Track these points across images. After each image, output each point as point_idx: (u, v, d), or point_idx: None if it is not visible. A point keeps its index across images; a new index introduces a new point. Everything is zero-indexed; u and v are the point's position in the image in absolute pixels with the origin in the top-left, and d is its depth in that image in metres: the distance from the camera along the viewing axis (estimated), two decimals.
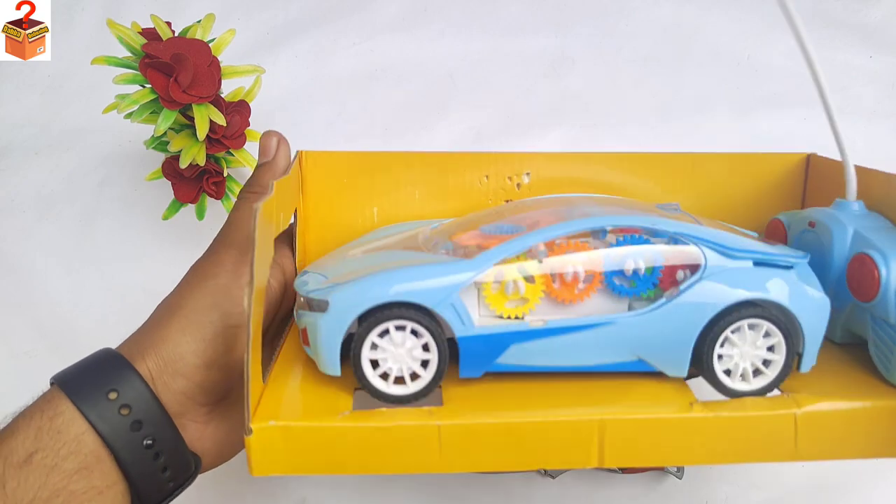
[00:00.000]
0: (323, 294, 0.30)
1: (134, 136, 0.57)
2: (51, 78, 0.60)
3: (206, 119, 0.43)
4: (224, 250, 0.31)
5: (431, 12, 0.65)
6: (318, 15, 0.64)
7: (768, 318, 0.30)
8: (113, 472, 0.26)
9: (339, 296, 0.29)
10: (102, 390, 0.27)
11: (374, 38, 0.63)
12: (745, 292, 0.29)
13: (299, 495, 0.49)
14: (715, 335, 0.30)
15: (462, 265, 0.30)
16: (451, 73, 0.62)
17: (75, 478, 0.25)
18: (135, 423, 0.27)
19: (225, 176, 0.48)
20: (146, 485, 0.27)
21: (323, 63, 0.62)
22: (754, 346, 0.30)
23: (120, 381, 0.27)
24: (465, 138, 0.60)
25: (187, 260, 0.55)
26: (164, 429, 0.28)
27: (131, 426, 0.27)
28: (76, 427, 0.26)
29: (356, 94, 0.61)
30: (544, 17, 0.65)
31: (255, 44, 0.62)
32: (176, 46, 0.42)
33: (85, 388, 0.27)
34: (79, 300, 0.53)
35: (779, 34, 0.65)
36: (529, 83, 0.63)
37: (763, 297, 0.29)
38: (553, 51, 0.64)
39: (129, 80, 0.43)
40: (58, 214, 0.56)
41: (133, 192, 0.56)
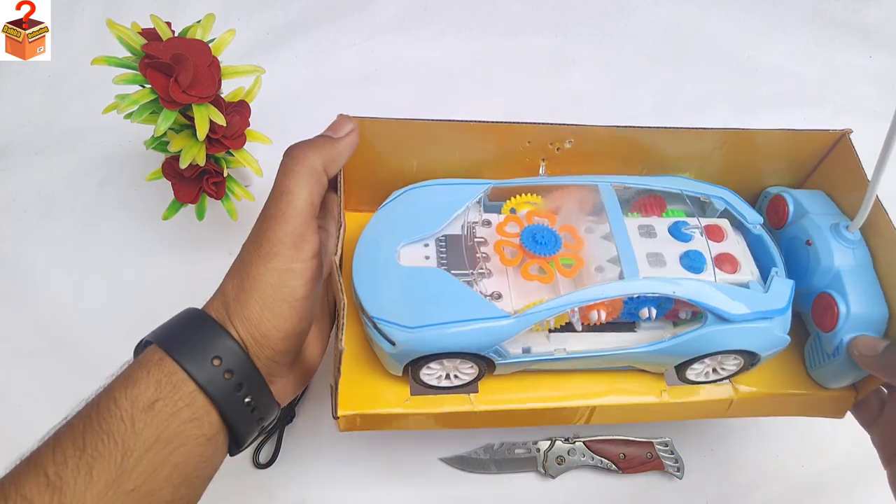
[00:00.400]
0: (388, 328, 0.35)
1: (134, 136, 0.57)
2: (51, 78, 0.60)
3: (206, 119, 0.43)
4: (279, 227, 0.34)
5: (431, 12, 0.65)
6: (318, 15, 0.64)
7: (738, 354, 0.37)
8: (217, 423, 0.31)
9: (403, 338, 0.35)
10: (208, 357, 0.31)
11: (374, 38, 0.63)
12: (730, 344, 0.36)
13: (299, 495, 0.49)
14: (695, 360, 0.38)
15: (507, 327, 0.35)
16: (451, 74, 0.62)
17: (188, 425, 0.30)
18: (237, 385, 0.32)
19: (225, 176, 0.48)
20: (243, 432, 0.33)
21: (323, 63, 0.62)
22: (720, 364, 0.39)
23: (222, 350, 0.32)
24: None
25: (187, 260, 0.55)
26: (260, 388, 0.33)
27: (234, 388, 0.32)
28: (188, 386, 0.31)
29: (356, 94, 0.61)
30: (544, 17, 0.65)
31: (255, 44, 0.62)
32: (176, 47, 0.42)
33: (193, 354, 0.31)
34: (79, 300, 0.53)
35: (779, 34, 0.65)
36: (529, 83, 0.63)
37: (742, 348, 0.37)
38: (553, 51, 0.64)
39: (129, 81, 0.43)
40: (58, 214, 0.56)
41: (133, 192, 0.56)
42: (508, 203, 0.41)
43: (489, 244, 0.39)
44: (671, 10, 0.66)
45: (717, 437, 0.52)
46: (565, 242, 0.37)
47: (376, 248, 0.39)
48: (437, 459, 0.50)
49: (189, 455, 0.30)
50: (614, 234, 0.37)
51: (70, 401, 0.50)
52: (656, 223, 0.39)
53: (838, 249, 0.38)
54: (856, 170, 0.39)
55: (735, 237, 0.40)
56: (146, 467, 0.29)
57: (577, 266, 0.37)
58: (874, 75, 0.64)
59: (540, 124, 0.39)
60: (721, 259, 0.38)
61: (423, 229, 0.39)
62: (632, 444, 0.50)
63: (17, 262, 0.54)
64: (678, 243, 0.38)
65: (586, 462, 0.49)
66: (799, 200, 0.41)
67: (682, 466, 0.49)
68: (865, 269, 0.38)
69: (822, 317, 0.38)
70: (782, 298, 0.37)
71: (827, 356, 0.39)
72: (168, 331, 0.34)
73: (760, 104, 0.62)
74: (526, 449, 0.50)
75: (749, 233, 0.41)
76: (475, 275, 0.38)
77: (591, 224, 0.39)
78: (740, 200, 0.41)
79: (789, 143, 0.41)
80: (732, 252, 0.38)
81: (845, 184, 0.41)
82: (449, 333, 0.35)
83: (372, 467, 0.50)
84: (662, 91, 0.63)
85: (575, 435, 0.50)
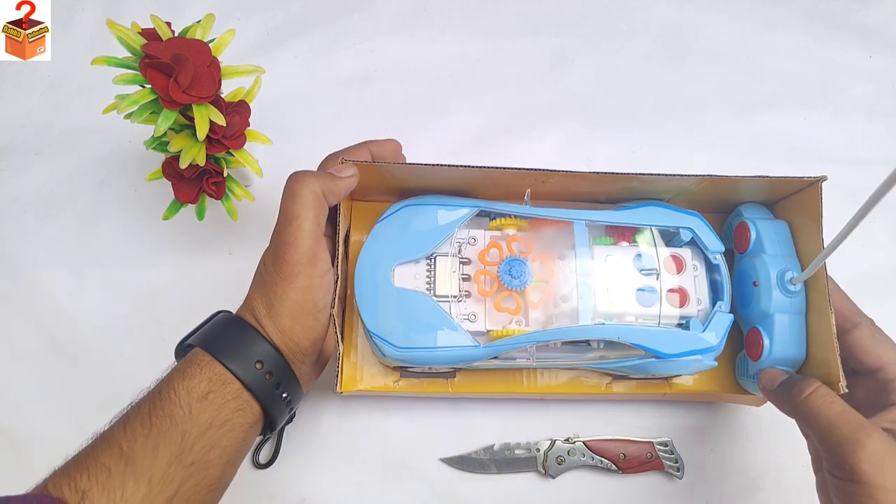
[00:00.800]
0: (380, 343, 0.42)
1: (134, 136, 0.57)
2: (51, 78, 0.60)
3: (206, 119, 0.43)
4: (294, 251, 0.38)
5: (431, 12, 0.65)
6: (318, 15, 0.64)
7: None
8: (258, 412, 0.38)
9: (392, 353, 0.42)
10: (252, 361, 0.37)
11: (374, 38, 0.63)
12: (664, 371, 0.44)
13: (299, 495, 0.49)
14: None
15: (477, 353, 0.42)
16: (451, 74, 0.62)
17: (235, 414, 0.36)
18: (276, 384, 0.38)
19: (225, 176, 0.48)
20: (278, 419, 0.39)
21: (323, 63, 0.62)
22: (653, 376, 0.46)
23: (263, 355, 0.38)
24: (466, 138, 0.60)
25: (187, 260, 0.55)
26: (293, 384, 0.39)
27: (274, 386, 0.38)
28: (235, 384, 0.37)
29: (356, 94, 0.61)
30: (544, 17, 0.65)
31: (255, 44, 0.62)
32: (176, 47, 0.42)
33: (239, 359, 0.37)
34: (79, 300, 0.53)
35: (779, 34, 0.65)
36: (529, 83, 0.63)
37: (672, 374, 0.45)
38: (553, 51, 0.64)
39: (129, 81, 0.43)
40: (58, 214, 0.56)
41: (133, 192, 0.56)
42: (496, 221, 0.46)
43: (472, 264, 0.45)
44: (671, 10, 0.66)
45: (717, 437, 0.52)
46: (537, 273, 0.43)
47: (374, 264, 0.44)
48: (438, 459, 0.50)
49: (235, 438, 0.36)
50: (578, 272, 0.43)
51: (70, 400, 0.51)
52: (623, 252, 0.45)
53: (777, 298, 0.42)
54: (815, 215, 0.42)
55: (693, 265, 0.45)
56: (202, 447, 0.35)
57: (544, 297, 0.43)
58: (874, 75, 0.64)
59: (525, 170, 0.42)
60: (673, 292, 0.44)
61: (416, 250, 0.44)
62: (632, 444, 0.50)
63: (17, 262, 0.54)
64: (638, 276, 0.44)
65: (586, 462, 0.49)
66: (760, 235, 0.44)
67: (682, 466, 0.50)
68: (798, 317, 0.42)
69: (752, 347, 0.44)
70: (717, 336, 0.43)
71: (750, 376, 0.44)
72: (212, 337, 0.39)
73: (760, 104, 0.62)
74: (526, 449, 0.50)
75: (709, 261, 0.45)
76: (456, 298, 0.44)
77: (565, 252, 0.44)
78: (707, 228, 0.45)
79: (767, 184, 0.44)
80: (685, 285, 0.44)
81: (806, 223, 0.43)
82: (429, 356, 0.42)
83: (372, 467, 0.50)
84: (662, 91, 0.63)
85: (575, 435, 0.50)
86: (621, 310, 0.43)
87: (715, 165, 0.59)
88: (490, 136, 0.60)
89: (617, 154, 0.60)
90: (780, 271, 0.43)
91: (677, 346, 0.42)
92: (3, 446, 0.50)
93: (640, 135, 0.61)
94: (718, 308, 0.44)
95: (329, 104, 0.60)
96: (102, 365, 0.52)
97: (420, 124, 0.60)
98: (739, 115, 0.62)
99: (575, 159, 0.59)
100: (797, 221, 0.45)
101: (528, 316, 0.43)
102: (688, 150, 0.60)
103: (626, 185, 0.45)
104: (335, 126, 0.60)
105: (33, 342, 0.52)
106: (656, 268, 0.44)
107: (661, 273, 0.44)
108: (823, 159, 0.60)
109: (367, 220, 0.47)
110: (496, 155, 0.58)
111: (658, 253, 0.44)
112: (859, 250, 0.57)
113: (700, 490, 0.50)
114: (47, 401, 0.51)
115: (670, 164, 0.59)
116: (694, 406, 0.52)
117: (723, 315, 0.43)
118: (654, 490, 0.50)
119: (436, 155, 0.59)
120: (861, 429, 0.35)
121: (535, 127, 0.61)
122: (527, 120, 0.61)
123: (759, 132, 0.62)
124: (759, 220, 0.45)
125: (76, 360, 0.52)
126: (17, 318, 0.53)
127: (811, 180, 0.42)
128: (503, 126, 0.61)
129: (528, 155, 0.59)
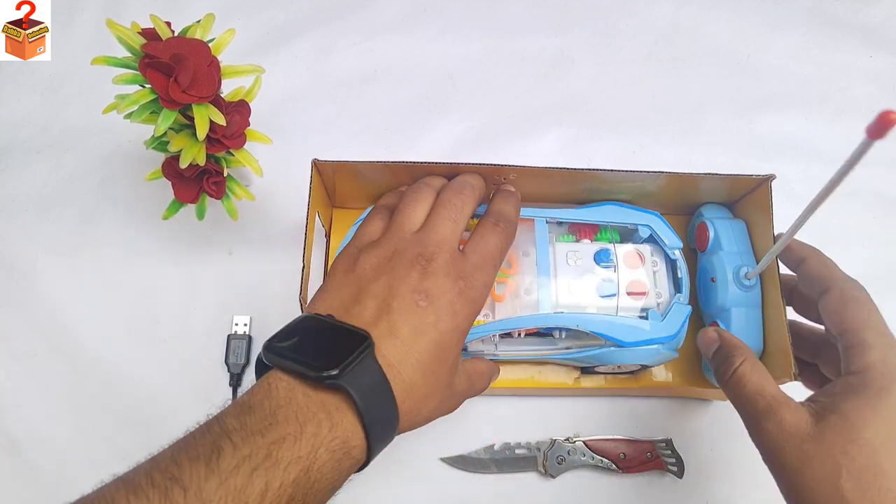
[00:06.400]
0: None
1: (134, 136, 0.57)
2: (51, 78, 0.60)
3: (206, 119, 0.42)
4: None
5: (431, 12, 0.65)
6: (318, 15, 0.64)
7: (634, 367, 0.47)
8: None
9: None
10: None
11: (374, 38, 0.63)
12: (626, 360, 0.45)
13: None
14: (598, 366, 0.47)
15: None
16: (451, 74, 0.62)
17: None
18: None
19: (225, 176, 0.48)
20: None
21: (323, 63, 0.62)
22: (619, 368, 0.47)
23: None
24: (466, 138, 0.60)
25: (187, 260, 0.55)
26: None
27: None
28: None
29: (356, 94, 0.61)
30: (544, 17, 0.65)
31: (255, 44, 0.62)
32: (176, 46, 0.42)
33: (385, 439, 0.33)
34: (79, 300, 0.53)
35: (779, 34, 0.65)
36: (529, 83, 0.63)
37: (635, 362, 0.45)
38: (553, 51, 0.64)
39: (129, 81, 0.43)
40: (58, 214, 0.56)
41: (133, 192, 0.56)
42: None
43: None
44: (671, 10, 0.66)
45: (717, 437, 0.52)
46: (502, 269, 0.44)
47: None
48: (438, 459, 0.50)
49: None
50: (538, 266, 0.45)
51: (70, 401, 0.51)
52: (584, 249, 0.46)
53: (733, 292, 0.45)
54: (768, 213, 0.43)
55: (652, 261, 0.46)
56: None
57: (509, 290, 0.44)
58: (874, 75, 0.64)
59: (485, 165, 0.42)
60: (632, 286, 0.45)
61: None
62: (632, 444, 0.50)
63: (17, 262, 0.54)
64: (598, 269, 0.45)
65: (586, 462, 0.49)
66: (718, 234, 0.46)
67: (682, 466, 0.50)
68: (754, 310, 0.44)
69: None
70: (675, 326, 0.44)
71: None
72: (369, 399, 0.31)
73: (760, 104, 0.62)
74: (526, 449, 0.50)
75: (668, 257, 0.46)
76: None
77: (528, 247, 0.45)
78: (665, 226, 0.47)
79: (725, 183, 0.46)
80: (643, 279, 0.45)
81: (760, 222, 0.45)
82: None
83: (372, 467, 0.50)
84: (662, 91, 0.63)
85: (575, 434, 0.50)
86: (581, 301, 0.44)
87: (715, 165, 0.59)
88: (490, 136, 0.60)
89: (617, 154, 0.60)
90: (737, 267, 0.45)
91: (636, 334, 0.44)
92: (2, 446, 0.50)
93: (640, 135, 0.61)
94: (677, 300, 0.45)
95: (329, 104, 0.60)
96: (102, 365, 0.52)
97: (420, 124, 0.60)
98: (739, 115, 0.62)
99: (575, 159, 0.59)
100: (753, 219, 0.47)
101: (495, 310, 0.44)
102: (688, 151, 0.60)
103: (590, 187, 0.46)
104: (335, 126, 0.60)
105: (33, 342, 0.52)
106: (615, 262, 0.45)
107: (620, 267, 0.45)
108: (823, 159, 0.60)
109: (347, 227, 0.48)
110: (496, 155, 0.58)
111: (617, 249, 0.46)
112: (860, 250, 0.57)
113: (700, 490, 0.50)
114: (47, 401, 0.51)
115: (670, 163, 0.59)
116: (694, 406, 0.52)
117: (681, 306, 0.45)
118: (654, 490, 0.50)
119: (436, 155, 0.59)
120: (773, 404, 0.34)
121: (535, 127, 0.61)
122: (527, 120, 0.61)
123: (759, 132, 0.62)
124: (718, 220, 0.47)
125: (76, 360, 0.52)
126: (17, 318, 0.53)
127: (761, 179, 0.44)
128: (503, 126, 0.61)
129: (527, 155, 0.59)
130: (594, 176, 0.44)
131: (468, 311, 0.35)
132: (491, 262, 0.38)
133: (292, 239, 0.53)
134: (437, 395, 0.35)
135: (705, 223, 0.47)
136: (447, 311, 0.34)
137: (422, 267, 0.35)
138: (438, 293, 0.34)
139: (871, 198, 0.59)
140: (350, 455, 0.30)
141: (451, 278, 0.35)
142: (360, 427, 0.30)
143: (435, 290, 0.34)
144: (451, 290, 0.35)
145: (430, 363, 0.33)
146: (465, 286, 0.35)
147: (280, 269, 0.54)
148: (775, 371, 0.40)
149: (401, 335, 0.33)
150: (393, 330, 0.33)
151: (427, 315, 0.33)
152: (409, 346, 0.33)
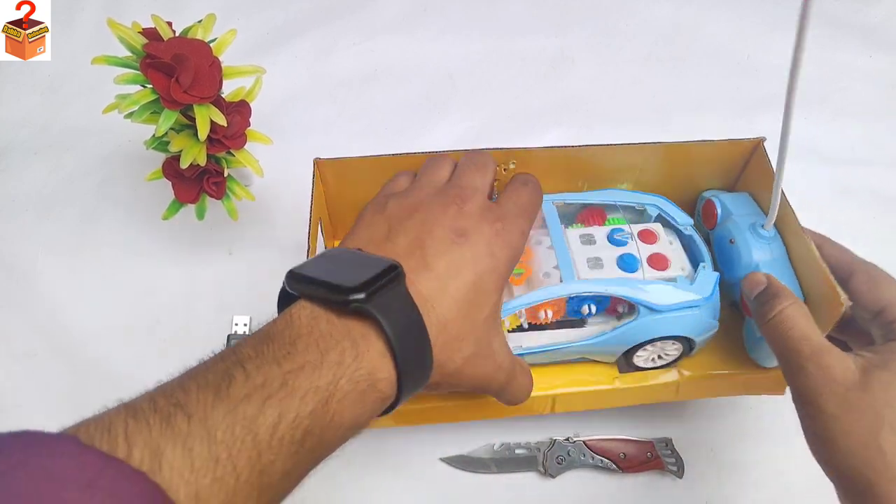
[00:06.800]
0: None
1: (134, 136, 0.57)
2: (51, 78, 0.60)
3: (207, 119, 0.43)
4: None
5: (431, 12, 0.65)
6: (318, 15, 0.64)
7: (675, 340, 0.42)
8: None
9: None
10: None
11: (374, 38, 0.63)
12: (664, 331, 0.41)
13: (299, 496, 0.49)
14: (637, 348, 0.43)
15: None
16: (451, 74, 0.62)
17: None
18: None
19: (225, 176, 0.48)
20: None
21: (323, 63, 0.62)
22: (662, 350, 0.43)
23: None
24: (466, 138, 0.60)
25: (187, 260, 0.55)
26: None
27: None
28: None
29: (356, 94, 0.61)
30: (544, 17, 0.65)
31: (256, 44, 0.62)
32: (177, 46, 0.42)
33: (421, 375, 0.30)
34: (78, 300, 0.53)
35: (779, 34, 0.65)
36: (529, 83, 0.63)
37: (675, 334, 0.42)
38: (553, 51, 0.64)
39: (130, 80, 0.43)
40: (58, 214, 0.56)
41: (133, 192, 0.56)
42: None
43: None
44: (671, 10, 0.66)
45: (717, 437, 0.52)
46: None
47: None
48: (438, 459, 0.50)
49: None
50: (554, 245, 0.43)
51: (70, 401, 0.51)
52: (596, 231, 0.45)
53: (756, 246, 0.43)
54: (769, 173, 0.43)
55: (667, 238, 0.45)
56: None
57: (526, 274, 0.42)
58: (874, 75, 0.64)
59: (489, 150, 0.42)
60: (652, 259, 0.43)
61: None
62: (632, 444, 0.50)
63: (17, 262, 0.54)
64: (615, 248, 0.44)
65: (586, 462, 0.49)
66: (725, 204, 0.46)
67: (682, 466, 0.50)
68: (781, 261, 0.43)
69: (746, 305, 0.43)
70: (707, 288, 0.42)
71: (758, 338, 0.43)
72: (398, 327, 0.28)
73: (760, 104, 0.62)
74: (526, 449, 0.50)
75: (681, 233, 0.46)
76: None
77: (540, 237, 0.44)
78: (672, 205, 0.47)
79: (715, 151, 0.46)
80: (663, 252, 0.44)
81: (764, 185, 0.45)
82: None
83: (372, 467, 0.50)
84: (662, 91, 0.63)
85: (575, 434, 0.50)
86: (605, 276, 0.42)
87: None
88: (490, 136, 0.60)
89: None
90: (751, 223, 0.44)
91: (669, 296, 0.41)
92: None
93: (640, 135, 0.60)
94: (702, 267, 0.43)
95: (329, 104, 0.60)
96: (102, 365, 0.52)
97: (420, 124, 0.60)
98: (739, 115, 0.62)
99: None
100: (755, 191, 0.47)
101: (514, 292, 0.43)
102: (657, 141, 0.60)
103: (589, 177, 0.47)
104: (335, 126, 0.60)
105: (33, 342, 0.52)
106: (631, 239, 0.44)
107: (638, 243, 0.44)
108: (823, 159, 0.60)
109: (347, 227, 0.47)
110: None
111: (632, 227, 0.45)
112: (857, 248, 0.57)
113: (700, 490, 0.50)
114: (47, 401, 0.51)
115: None
116: (694, 406, 0.52)
117: (707, 272, 0.43)
118: (654, 490, 0.50)
119: None
120: (819, 349, 0.34)
121: (535, 127, 0.61)
122: (527, 120, 0.61)
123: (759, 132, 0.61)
124: (722, 194, 0.47)
125: (76, 360, 0.52)
126: (17, 318, 0.53)
127: (755, 141, 0.44)
128: (503, 126, 0.61)
129: None
130: (592, 155, 0.44)
131: (507, 255, 0.33)
132: (526, 212, 0.36)
133: (292, 239, 0.53)
134: (471, 342, 0.32)
135: (710, 200, 0.47)
136: (485, 251, 0.32)
137: (457, 207, 0.33)
138: (476, 232, 0.32)
139: (868, 196, 0.59)
140: (376, 388, 0.28)
141: (487, 220, 0.33)
142: (390, 358, 0.28)
143: (472, 228, 0.32)
144: (488, 231, 0.33)
145: (466, 304, 0.31)
146: (502, 228, 0.33)
147: (280, 270, 0.53)
148: (819, 320, 0.38)
149: (435, 269, 0.30)
150: (427, 264, 0.30)
151: (464, 252, 0.31)
152: (444, 282, 0.30)
